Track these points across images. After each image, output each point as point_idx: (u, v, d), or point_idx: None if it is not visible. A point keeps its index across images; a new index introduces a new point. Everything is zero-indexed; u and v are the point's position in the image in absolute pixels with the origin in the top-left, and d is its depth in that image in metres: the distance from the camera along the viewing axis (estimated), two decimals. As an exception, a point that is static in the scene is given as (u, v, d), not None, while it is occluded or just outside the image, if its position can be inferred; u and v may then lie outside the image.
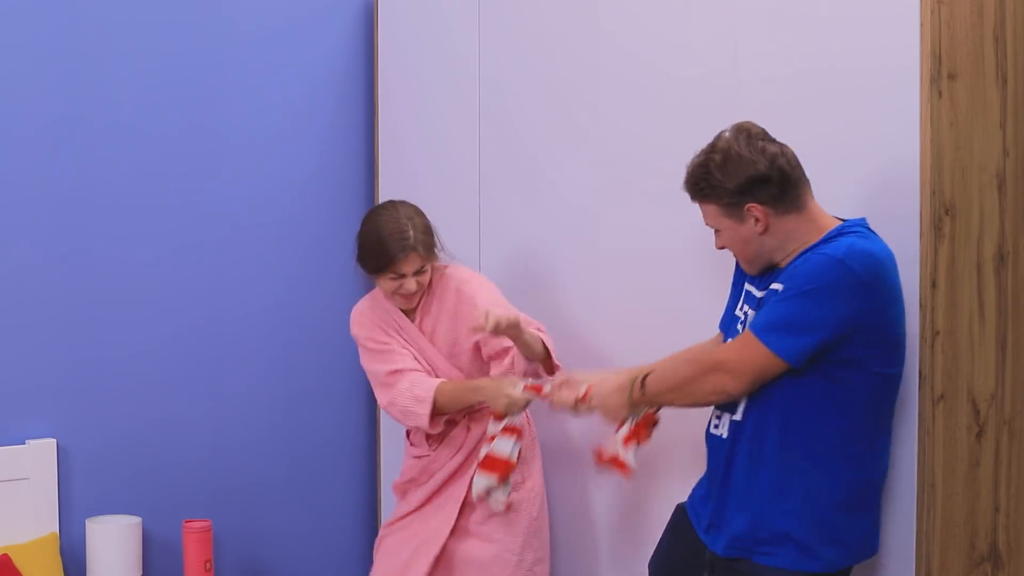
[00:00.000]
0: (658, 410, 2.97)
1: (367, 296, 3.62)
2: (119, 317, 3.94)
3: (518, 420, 3.30)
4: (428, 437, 3.54)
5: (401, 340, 3.51)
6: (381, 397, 3.49)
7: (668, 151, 3.30)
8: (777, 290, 2.63)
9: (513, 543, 3.46)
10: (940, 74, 2.69)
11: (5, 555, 3.56)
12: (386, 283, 3.43)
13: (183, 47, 4.05)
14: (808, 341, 2.54)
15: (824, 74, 2.91)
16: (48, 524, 3.76)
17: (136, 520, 3.80)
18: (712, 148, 2.67)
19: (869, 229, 2.65)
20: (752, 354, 2.60)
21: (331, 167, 4.36)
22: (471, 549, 3.45)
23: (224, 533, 4.12)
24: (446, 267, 3.55)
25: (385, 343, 3.49)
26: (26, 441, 3.76)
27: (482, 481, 3.30)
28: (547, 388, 3.17)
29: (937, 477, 2.72)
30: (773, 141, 2.65)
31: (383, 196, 4.27)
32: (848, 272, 2.52)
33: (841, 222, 2.67)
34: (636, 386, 2.86)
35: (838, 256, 2.52)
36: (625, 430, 2.98)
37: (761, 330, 2.59)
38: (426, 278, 3.46)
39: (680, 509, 2.98)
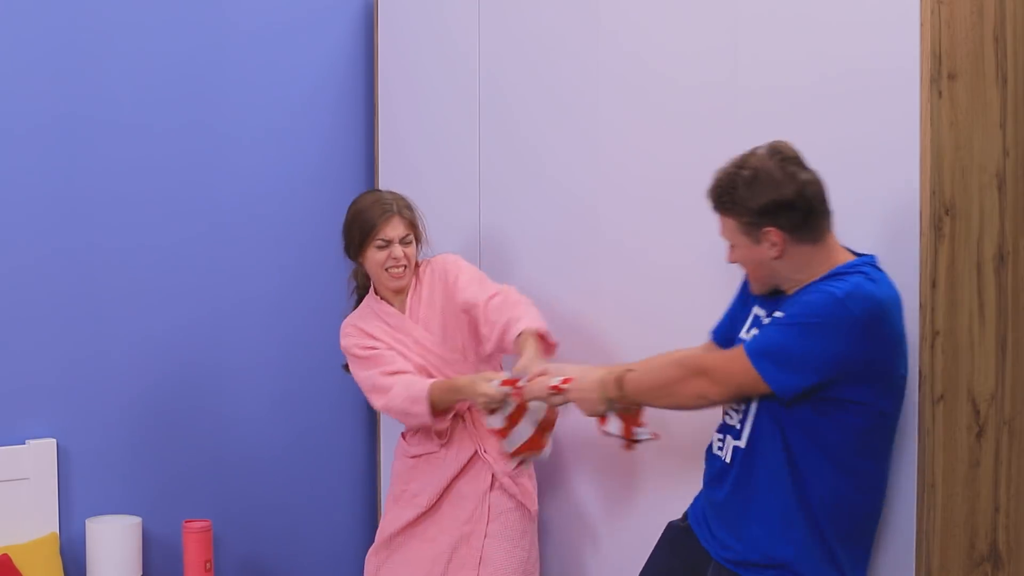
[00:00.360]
0: (639, 408, 2.97)
1: (350, 315, 3.63)
2: (119, 317, 3.94)
3: (513, 404, 3.21)
4: (438, 433, 3.52)
5: (392, 336, 3.51)
6: (377, 400, 3.48)
7: (667, 151, 3.31)
8: (776, 316, 2.63)
9: (523, 540, 3.50)
10: (940, 74, 2.69)
11: (5, 555, 3.56)
12: (374, 256, 3.47)
13: (184, 46, 4.05)
14: (800, 379, 2.54)
15: (824, 74, 2.91)
16: (48, 524, 3.76)
17: (136, 520, 3.80)
18: (743, 163, 2.61)
19: (877, 268, 2.62)
20: (739, 370, 2.60)
21: (331, 166, 4.36)
22: (486, 549, 3.45)
23: (224, 533, 4.12)
24: (431, 259, 3.61)
25: (373, 347, 3.49)
26: (26, 441, 3.76)
27: (545, 452, 3.25)
28: (522, 381, 3.15)
29: (937, 477, 2.72)
30: (805, 168, 2.60)
31: (383, 196, 4.28)
32: (846, 313, 2.50)
33: (854, 257, 2.64)
34: (611, 384, 2.87)
35: (839, 295, 2.51)
36: (613, 425, 2.97)
37: (754, 353, 2.59)
38: (412, 250, 3.51)
39: (673, 527, 2.95)
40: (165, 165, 4.02)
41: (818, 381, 2.54)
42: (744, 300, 2.87)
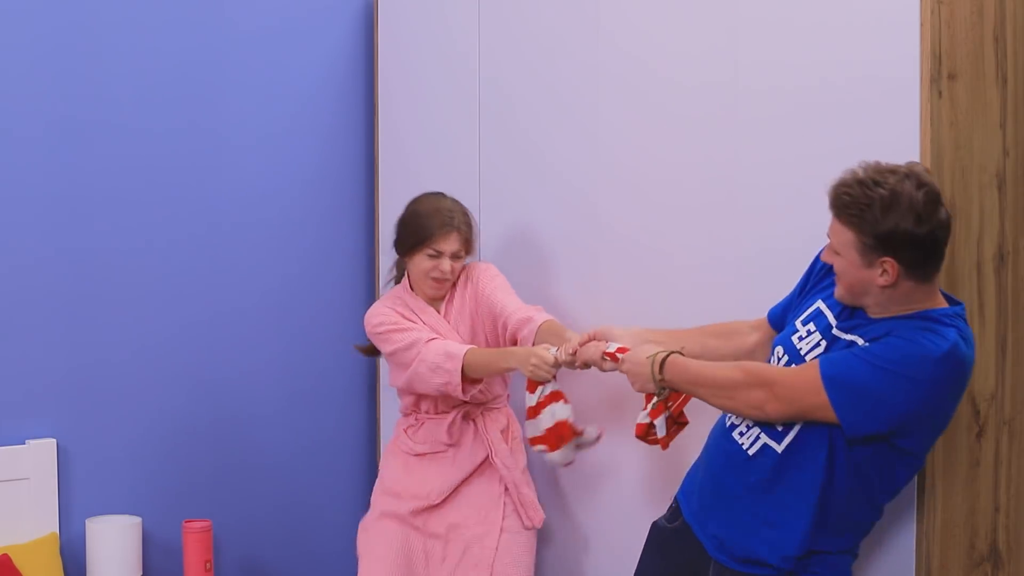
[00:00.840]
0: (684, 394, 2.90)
1: (382, 299, 3.60)
2: (119, 317, 3.94)
3: (556, 385, 3.21)
4: (450, 432, 3.50)
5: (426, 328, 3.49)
6: (405, 370, 3.41)
7: (668, 151, 3.31)
8: (856, 343, 2.55)
9: (533, 537, 3.52)
10: (940, 74, 2.69)
11: (5, 555, 3.56)
12: (422, 262, 3.45)
13: (184, 47, 4.05)
14: (873, 425, 2.49)
15: (824, 74, 2.91)
16: (48, 524, 3.76)
17: (136, 520, 3.80)
18: (883, 181, 2.45)
19: (966, 322, 2.55)
20: (808, 390, 2.52)
21: (331, 167, 4.36)
22: (503, 542, 3.46)
23: (224, 533, 4.12)
24: (467, 265, 3.60)
25: (411, 323, 3.47)
26: (26, 441, 3.76)
27: (556, 456, 3.22)
28: (561, 353, 3.15)
29: (937, 477, 2.72)
30: (942, 205, 2.47)
31: (383, 196, 4.28)
32: (938, 375, 2.44)
33: (946, 303, 2.56)
34: (655, 367, 2.79)
35: (936, 356, 2.43)
36: (654, 403, 2.88)
37: (831, 379, 2.50)
38: (460, 265, 3.49)
39: (659, 528, 2.92)
40: (164, 165, 4.02)
41: (888, 431, 2.49)
42: (807, 289, 2.78)
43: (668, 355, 2.80)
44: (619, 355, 2.96)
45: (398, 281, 3.66)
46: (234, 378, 4.16)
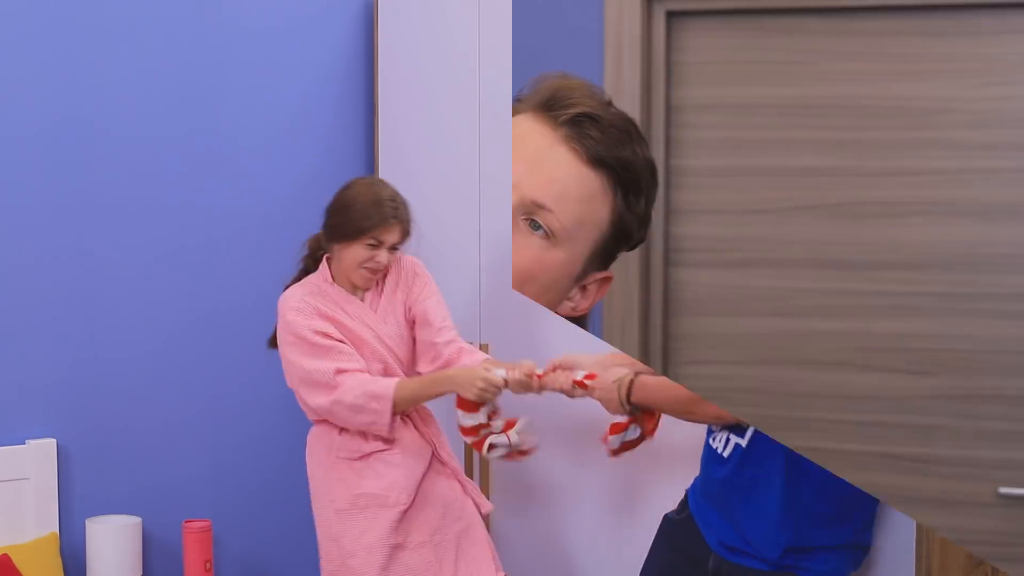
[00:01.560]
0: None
1: (299, 283, 3.43)
2: (120, 317, 3.94)
3: (494, 406, 3.16)
4: (391, 431, 3.29)
5: (347, 323, 3.32)
6: (318, 397, 3.24)
7: (668, 151, 3.31)
8: None
9: None
10: (940, 74, 2.69)
11: (5, 555, 3.56)
12: (358, 252, 3.28)
13: (183, 47, 4.05)
14: None
15: (824, 74, 2.91)
16: (48, 524, 3.76)
17: (136, 520, 3.80)
18: None
19: None
20: None
21: (331, 167, 4.36)
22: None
23: (224, 533, 4.12)
24: (399, 256, 3.44)
25: (328, 336, 3.28)
26: (26, 441, 3.76)
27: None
28: (516, 373, 3.10)
29: (937, 477, 2.72)
30: None
31: (383, 196, 4.27)
32: None
33: None
34: (623, 392, 2.87)
35: None
36: (618, 419, 2.96)
37: None
38: (393, 258, 3.35)
39: (669, 521, 2.96)
40: (163, 166, 4.02)
41: None
42: None
43: (633, 378, 2.87)
44: (587, 382, 2.99)
45: (308, 271, 3.48)
46: (234, 377, 4.17)
